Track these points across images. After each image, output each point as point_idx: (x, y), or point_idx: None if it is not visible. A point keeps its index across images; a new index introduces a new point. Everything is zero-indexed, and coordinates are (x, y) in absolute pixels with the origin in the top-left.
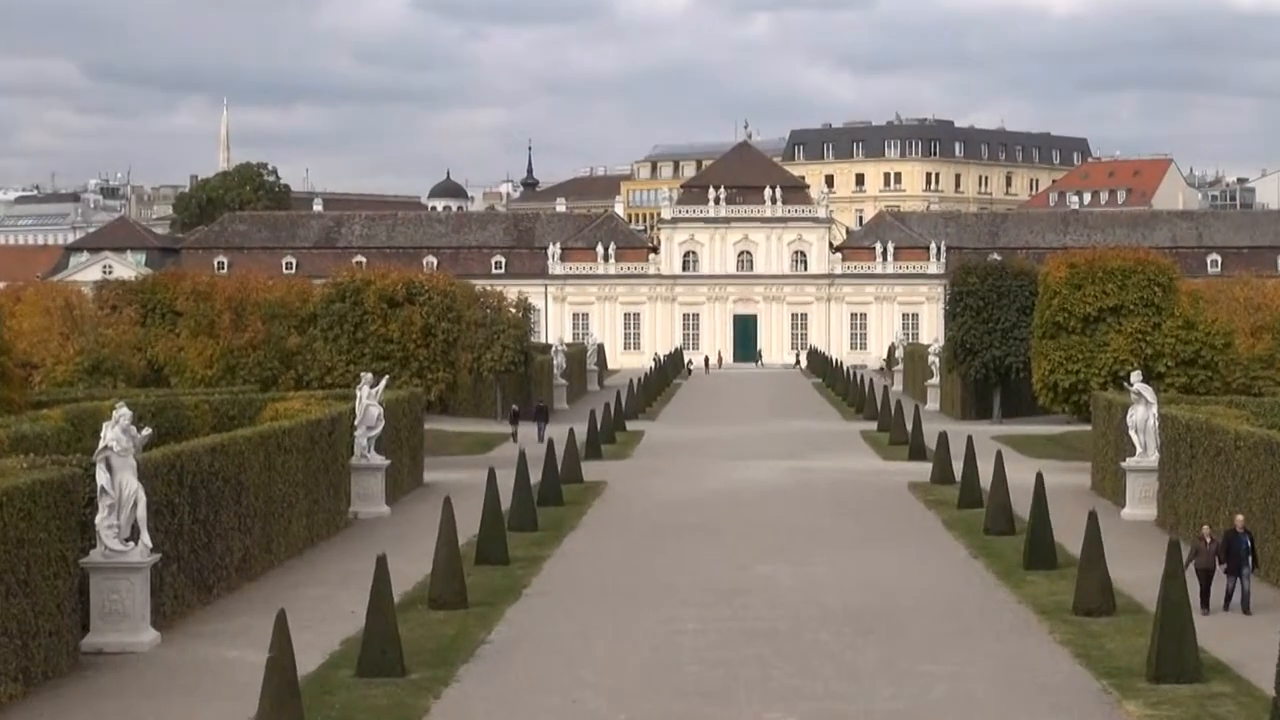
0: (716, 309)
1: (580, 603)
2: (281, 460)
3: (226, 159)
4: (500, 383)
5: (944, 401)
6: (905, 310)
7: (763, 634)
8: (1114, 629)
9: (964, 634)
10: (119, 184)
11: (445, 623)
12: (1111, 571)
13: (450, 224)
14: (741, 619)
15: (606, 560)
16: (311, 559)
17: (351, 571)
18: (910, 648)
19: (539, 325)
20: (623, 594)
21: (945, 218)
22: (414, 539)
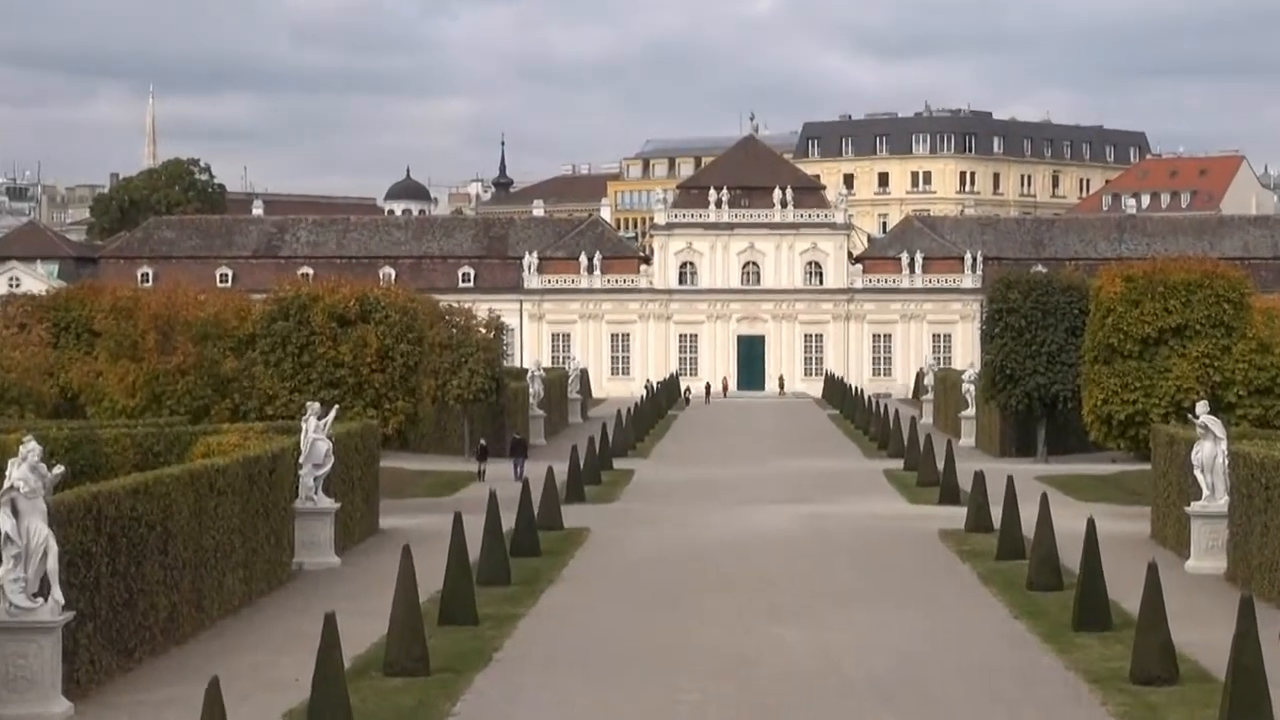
0: (718, 329)
1: (559, 671)
2: (215, 503)
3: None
4: (468, 414)
5: (980, 436)
6: (936, 330)
7: (773, 710)
8: (1177, 700)
9: (1004, 706)
10: (27, 183)
11: (403, 692)
12: (1174, 633)
13: (410, 230)
14: (748, 692)
15: (590, 621)
16: (249, 618)
17: (295, 632)
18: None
19: (513, 347)
20: (609, 661)
21: (982, 224)
22: (368, 594)
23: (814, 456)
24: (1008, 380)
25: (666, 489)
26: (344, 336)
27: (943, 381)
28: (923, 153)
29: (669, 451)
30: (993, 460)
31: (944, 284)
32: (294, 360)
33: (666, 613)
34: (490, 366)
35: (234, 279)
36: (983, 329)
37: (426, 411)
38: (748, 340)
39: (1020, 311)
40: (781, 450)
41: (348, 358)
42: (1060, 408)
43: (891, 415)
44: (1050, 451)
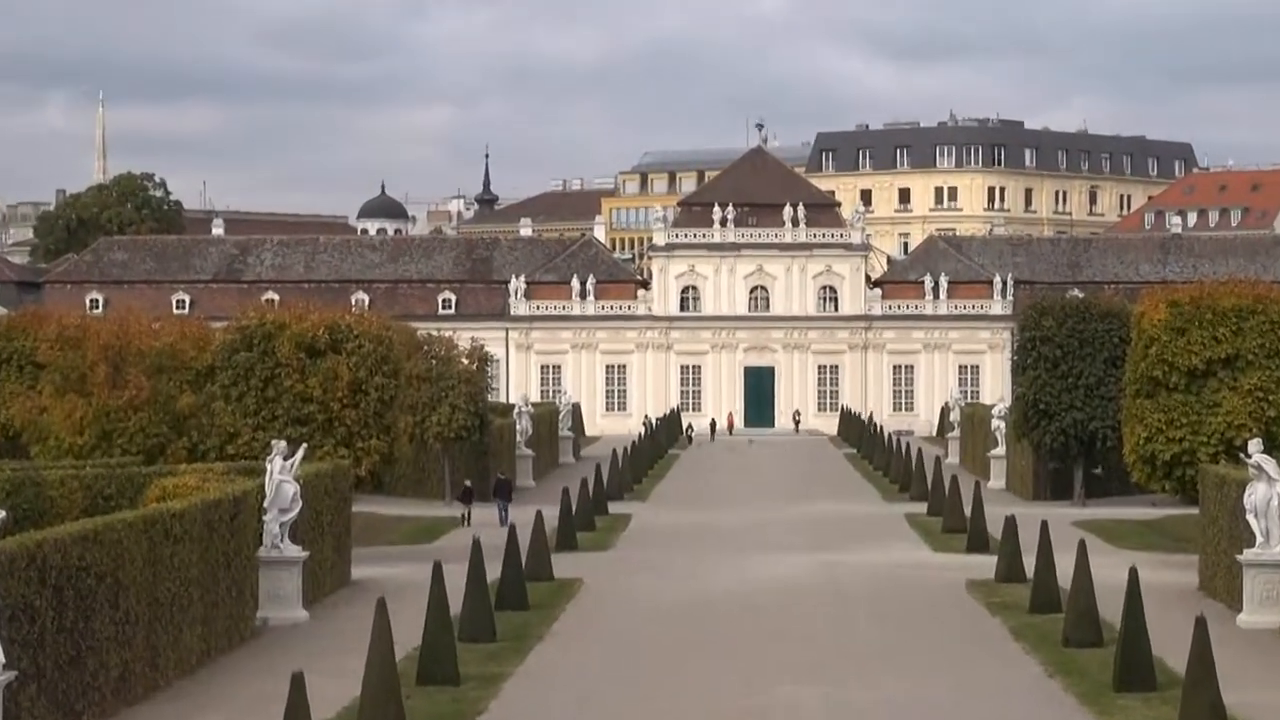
0: (723, 360)
1: None
2: (170, 552)
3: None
4: (449, 453)
5: (1011, 478)
6: (962, 361)
7: None
8: None
9: None
10: None
11: None
12: (1226, 694)
13: (386, 251)
14: None
15: (583, 682)
16: (209, 678)
17: (259, 694)
18: None
19: (498, 380)
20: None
21: (1013, 244)
22: (339, 652)
23: (829, 500)
24: (1041, 416)
25: (667, 535)
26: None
27: (970, 418)
28: (947, 166)
29: (670, 494)
30: (1025, 504)
31: (971, 310)
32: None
33: (667, 673)
34: (473, 401)
35: (192, 305)
36: (1014, 360)
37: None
38: (756, 372)
39: (1055, 341)
40: (793, 493)
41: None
42: (1099, 446)
43: (914, 454)
44: (1088, 494)
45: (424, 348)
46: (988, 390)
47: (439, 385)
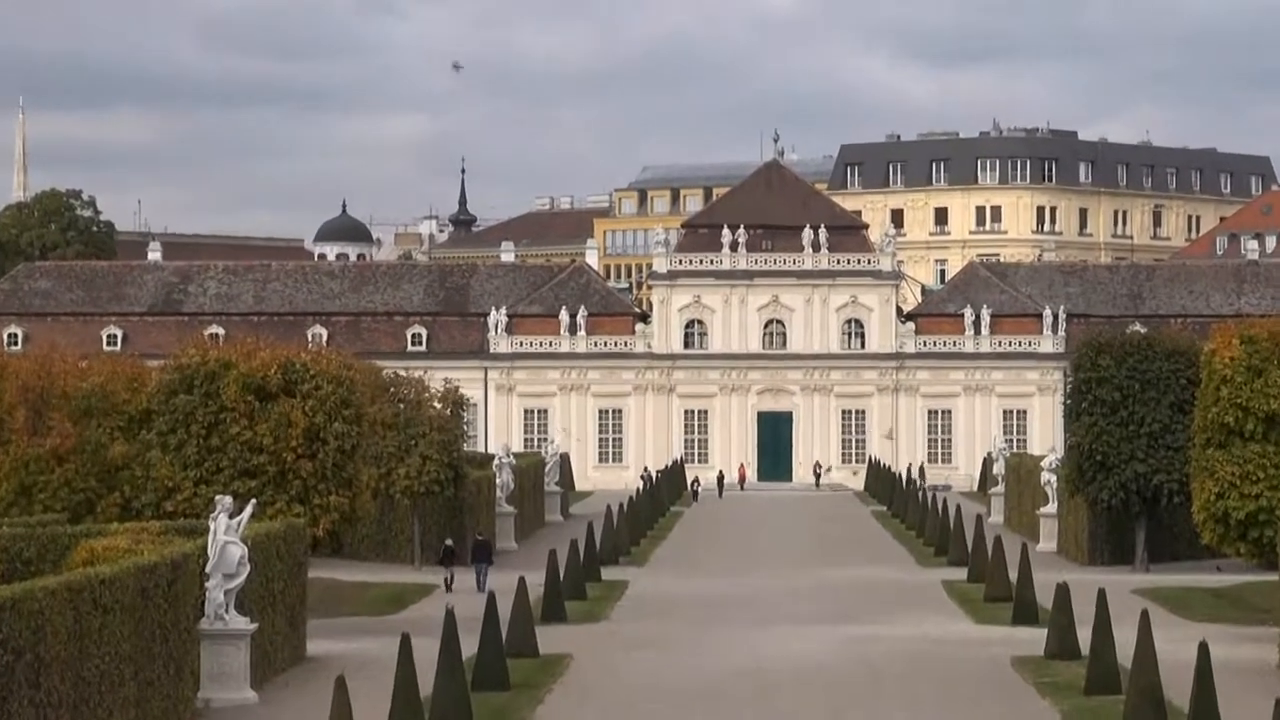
0: (733, 404)
1: None
2: (99, 624)
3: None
4: (419, 511)
5: (1064, 539)
6: (1007, 406)
7: None
8: None
9: None
10: None
11: None
12: None
13: (347, 279)
14: None
15: None
16: None
17: None
18: None
19: (475, 427)
20: None
21: (1065, 272)
22: None
23: (854, 564)
24: (1098, 468)
25: (668, 605)
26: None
27: (1016, 470)
28: (990, 182)
29: (672, 558)
30: (1079, 569)
31: (1017, 348)
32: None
33: None
34: (446, 451)
35: (125, 341)
36: (1066, 404)
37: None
38: (771, 418)
39: (1114, 382)
40: (813, 557)
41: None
42: (1164, 503)
43: (952, 512)
44: (1152, 558)
45: (391, 390)
46: (1036, 439)
47: (408, 433)
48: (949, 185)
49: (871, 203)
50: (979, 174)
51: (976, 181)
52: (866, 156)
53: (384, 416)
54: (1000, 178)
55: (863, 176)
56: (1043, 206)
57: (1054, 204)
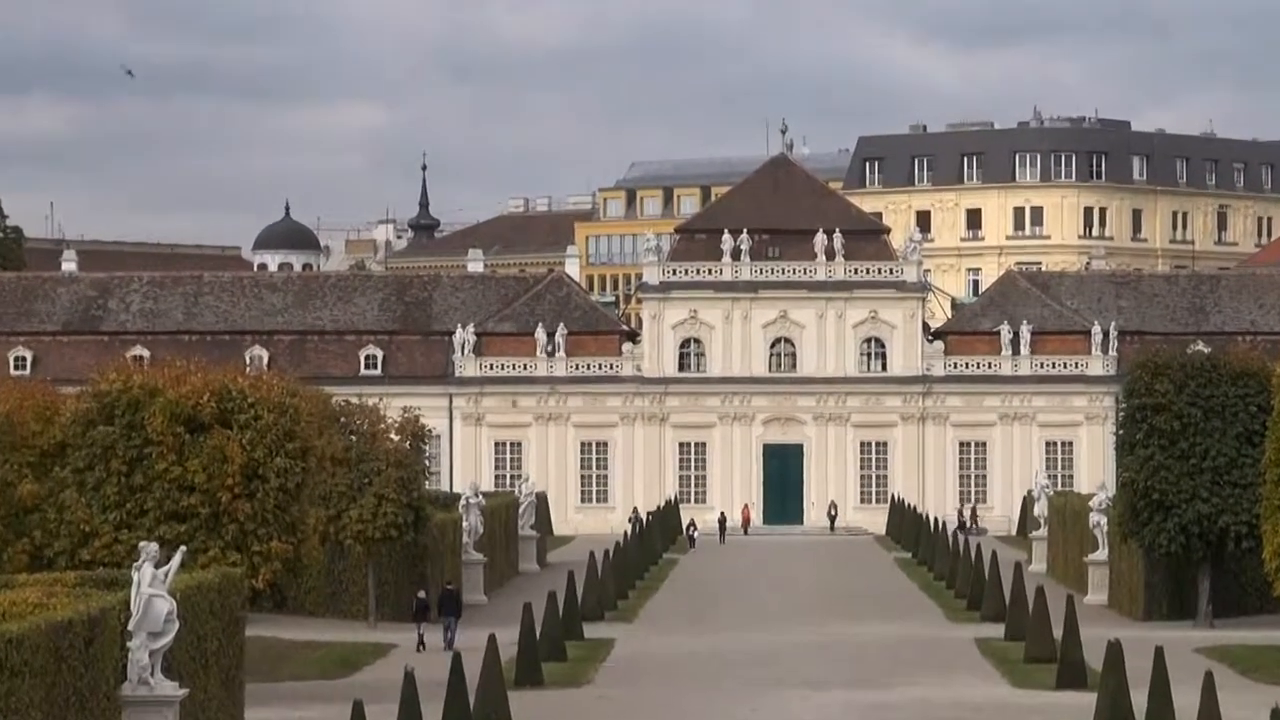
0: (736, 435)
1: None
2: (6, 689)
3: None
4: (374, 559)
5: (1116, 589)
6: (1050, 436)
7: None
8: None
9: None
10: None
11: None
12: None
13: (292, 293)
14: None
15: None
16: None
17: None
18: None
19: (439, 462)
20: None
21: (1117, 282)
22: None
23: (875, 619)
24: (1155, 509)
25: (661, 667)
26: (194, 447)
27: (1060, 511)
28: (1030, 180)
29: (665, 613)
30: (1133, 625)
31: (1062, 370)
32: (121, 482)
33: None
34: (405, 491)
35: (35, 364)
36: (1118, 435)
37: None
38: (779, 452)
39: (1173, 410)
40: (828, 611)
41: (199, 478)
42: (1231, 548)
43: (986, 559)
44: (1217, 612)
45: (341, 420)
46: (1084, 475)
47: (361, 469)
48: (982, 183)
49: (894, 203)
50: (1017, 170)
51: (1014, 179)
52: (888, 150)
53: (334, 450)
54: (1041, 174)
55: (883, 173)
56: (1090, 207)
57: (1103, 204)
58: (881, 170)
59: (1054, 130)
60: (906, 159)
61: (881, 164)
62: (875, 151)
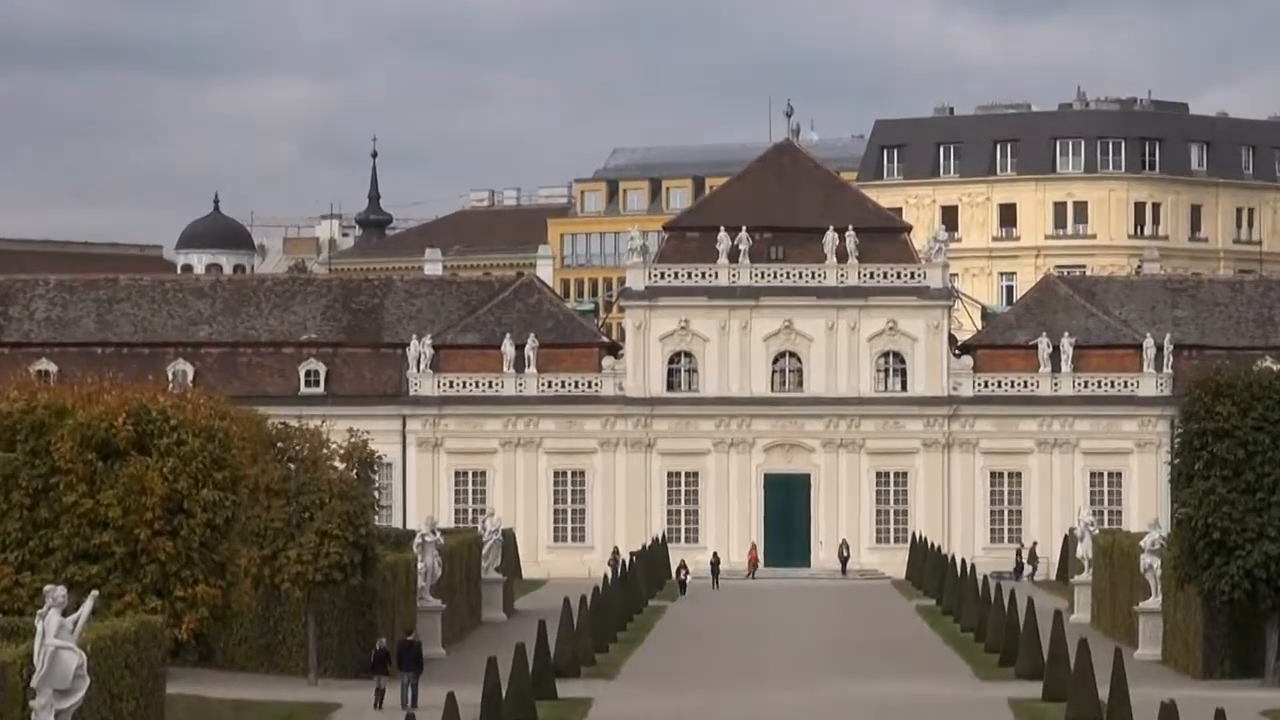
0: (733, 464)
1: None
2: None
3: None
4: (314, 605)
5: (1170, 643)
6: (1095, 467)
7: None
8: None
9: None
10: None
11: None
12: None
13: (221, 299)
14: None
15: None
16: None
17: None
18: None
19: (391, 494)
20: None
21: (1172, 288)
22: None
23: (893, 677)
24: (1216, 550)
25: None
26: (108, 477)
27: (1107, 552)
28: (1073, 170)
29: (650, 669)
30: (1191, 683)
31: (1109, 390)
32: (23, 516)
33: None
34: (352, 527)
35: None
36: (1174, 464)
37: (245, 602)
38: (783, 483)
39: (1236, 436)
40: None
41: (114, 512)
42: None
43: (1022, 608)
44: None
45: (278, 445)
46: (1134, 511)
47: (300, 502)
48: (1018, 174)
49: (916, 197)
50: (1057, 159)
51: (1054, 170)
52: (909, 137)
53: (269, 481)
54: (1086, 164)
55: (903, 163)
56: (1142, 202)
57: (1157, 199)
58: (901, 159)
59: (1100, 114)
60: (930, 146)
61: (901, 152)
62: (894, 138)
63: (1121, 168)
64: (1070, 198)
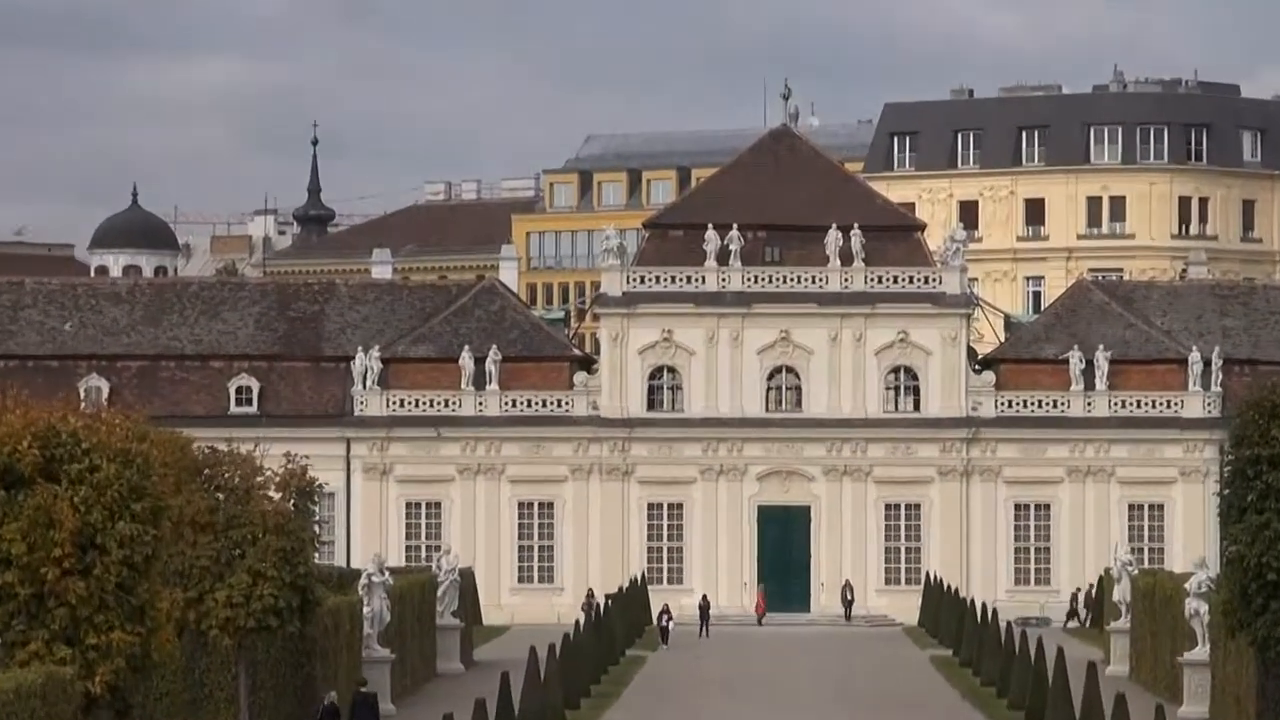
0: (722, 494)
1: None
2: None
3: None
4: (246, 655)
5: (1220, 699)
6: (1133, 498)
7: None
8: None
9: None
10: None
11: None
12: None
13: (141, 305)
14: None
15: None
16: None
17: None
18: None
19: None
20: None
21: (1221, 295)
22: None
23: None
24: (1271, 592)
25: None
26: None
27: (1148, 595)
28: (1108, 161)
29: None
30: None
31: (1149, 411)
32: None
33: None
34: (289, 566)
35: None
36: (1223, 496)
37: (167, 651)
38: (779, 517)
39: None
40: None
41: (19, 549)
42: None
43: (1050, 658)
44: None
45: (205, 472)
46: (1178, 548)
47: (230, 537)
48: (1046, 166)
49: (930, 191)
50: (1091, 148)
51: (1088, 160)
52: (922, 123)
53: (195, 513)
54: (1124, 154)
55: (917, 152)
56: (1187, 197)
57: (1204, 193)
58: (914, 148)
59: (1140, 96)
60: (947, 134)
61: (914, 140)
62: (906, 123)
63: (1164, 158)
64: (1106, 192)
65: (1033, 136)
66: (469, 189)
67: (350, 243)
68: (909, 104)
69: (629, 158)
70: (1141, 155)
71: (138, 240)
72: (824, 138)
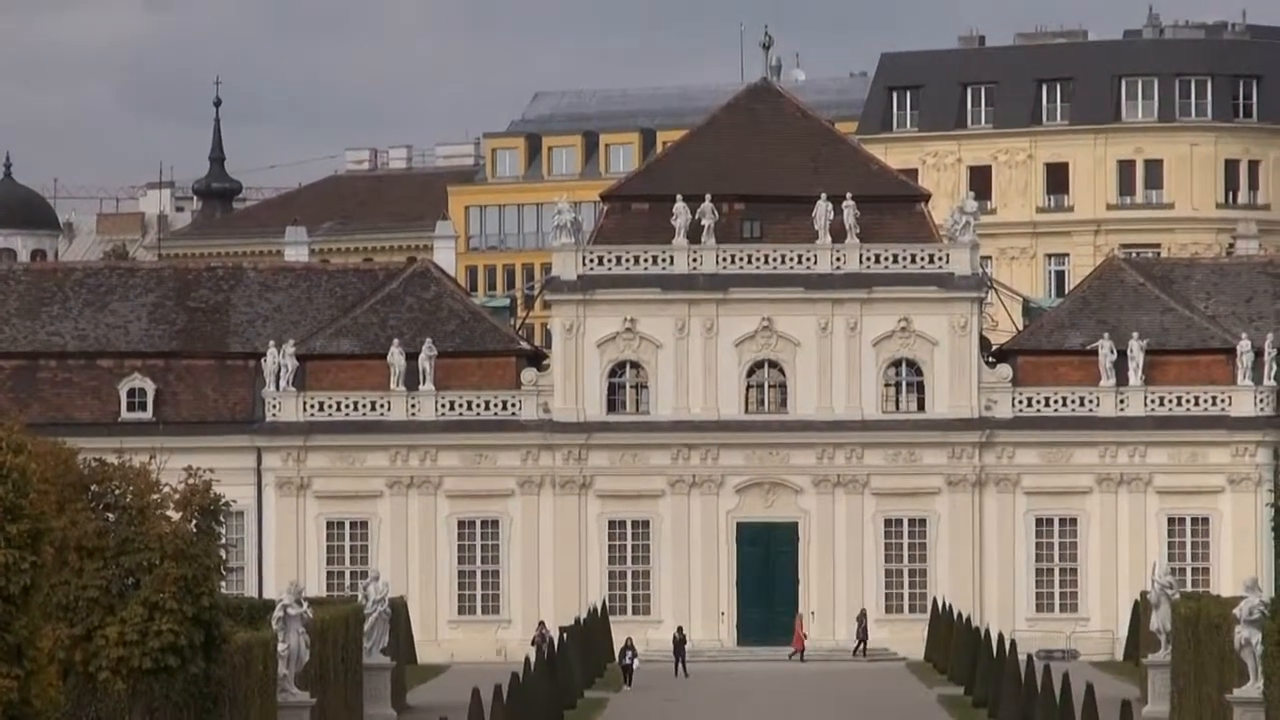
0: (695, 510)
1: None
2: None
3: None
4: (142, 700)
5: None
6: (1175, 510)
7: None
8: None
9: None
10: None
11: None
12: None
13: (16, 294)
14: None
15: None
16: None
17: None
18: None
19: (243, 552)
20: None
21: (1275, 274)
22: None
23: None
24: None
25: None
26: None
27: (1191, 623)
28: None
29: None
30: None
31: (1192, 409)
32: None
33: None
34: (191, 596)
35: None
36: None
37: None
38: (761, 535)
39: None
40: None
41: None
42: None
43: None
44: None
45: (93, 489)
46: (1226, 568)
47: (123, 565)
48: (1070, 124)
49: (935, 155)
50: (1123, 104)
51: (1119, 118)
52: (924, 76)
53: (81, 536)
54: (1160, 111)
55: (919, 110)
56: (1235, 160)
57: (1255, 156)
58: (916, 105)
59: (1179, 44)
60: (954, 88)
61: (916, 96)
62: (905, 77)
63: (1207, 115)
64: (1140, 155)
65: (1054, 91)
66: (397, 156)
67: (259, 220)
68: (909, 54)
69: (584, 119)
70: (1181, 112)
71: (11, 219)
72: (811, 94)
